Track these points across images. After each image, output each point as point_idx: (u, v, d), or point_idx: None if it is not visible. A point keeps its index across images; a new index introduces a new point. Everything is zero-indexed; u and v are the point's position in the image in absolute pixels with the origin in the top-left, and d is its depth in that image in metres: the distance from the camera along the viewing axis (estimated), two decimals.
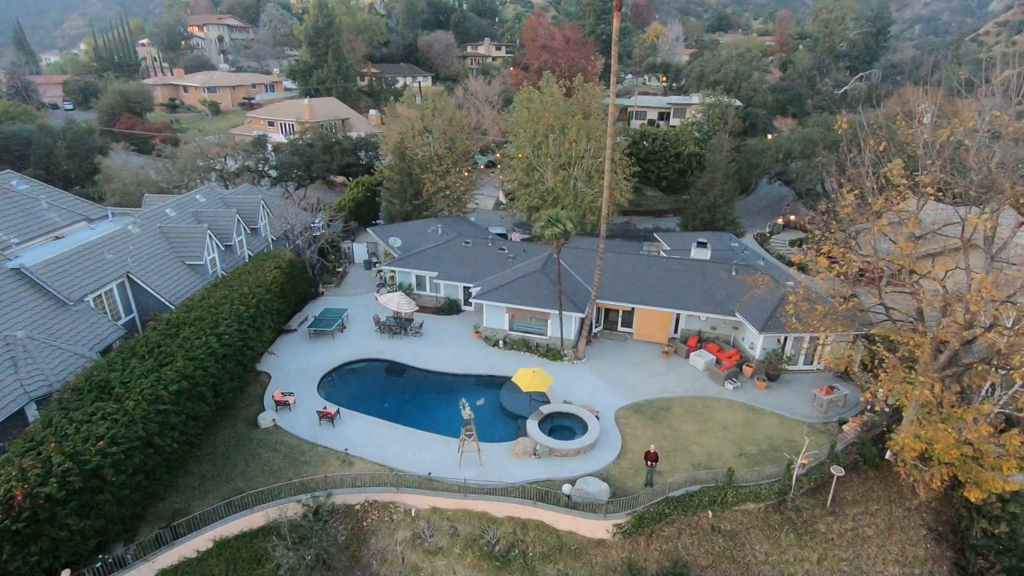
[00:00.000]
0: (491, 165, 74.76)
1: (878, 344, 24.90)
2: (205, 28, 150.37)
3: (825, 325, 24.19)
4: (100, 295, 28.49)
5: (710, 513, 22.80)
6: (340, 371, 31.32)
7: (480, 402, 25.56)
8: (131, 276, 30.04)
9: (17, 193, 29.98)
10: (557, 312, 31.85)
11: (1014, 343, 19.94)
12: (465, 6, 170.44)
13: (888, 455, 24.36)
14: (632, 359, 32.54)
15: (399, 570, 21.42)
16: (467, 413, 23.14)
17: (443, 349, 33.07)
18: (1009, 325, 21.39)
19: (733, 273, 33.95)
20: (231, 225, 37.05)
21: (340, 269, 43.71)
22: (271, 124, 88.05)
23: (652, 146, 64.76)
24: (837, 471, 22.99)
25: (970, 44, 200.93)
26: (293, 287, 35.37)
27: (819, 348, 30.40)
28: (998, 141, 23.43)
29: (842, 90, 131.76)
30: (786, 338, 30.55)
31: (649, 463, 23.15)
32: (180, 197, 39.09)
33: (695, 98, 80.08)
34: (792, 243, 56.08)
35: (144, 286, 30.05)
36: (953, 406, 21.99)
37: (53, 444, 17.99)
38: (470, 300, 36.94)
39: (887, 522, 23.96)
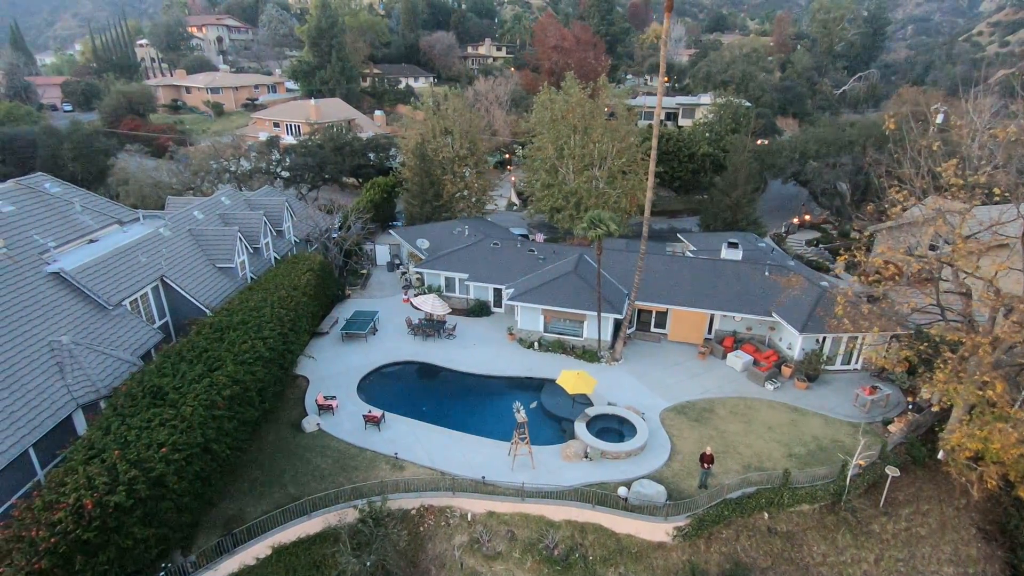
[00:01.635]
0: (500, 166, 74.62)
1: (924, 344, 24.90)
2: (204, 28, 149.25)
3: (877, 325, 24.18)
4: (136, 299, 28.10)
5: (766, 515, 22.75)
6: (377, 374, 31.04)
7: (533, 405, 25.44)
8: (165, 279, 29.65)
9: (51, 196, 29.50)
10: (593, 313, 31.77)
11: None
12: (464, 6, 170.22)
13: (940, 455, 24.38)
14: (669, 360, 32.48)
15: (458, 575, 21.20)
16: (521, 416, 22.98)
17: (478, 351, 32.87)
18: None
19: (767, 274, 33.97)
20: (259, 227, 36.67)
21: (364, 271, 43.41)
22: (276, 125, 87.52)
23: (666, 147, 64.81)
24: (892, 471, 23.01)
25: (963, 44, 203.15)
26: (324, 289, 35.06)
27: (858, 348, 30.44)
28: None
29: (841, 90, 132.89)
30: (824, 338, 30.58)
31: (705, 465, 23.07)
32: (205, 199, 38.66)
33: (704, 98, 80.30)
34: (809, 243, 56.34)
35: (178, 289, 29.66)
36: (1010, 406, 22.07)
37: (116, 452, 17.65)
38: (500, 302, 36.79)
39: (939, 522, 24.00)
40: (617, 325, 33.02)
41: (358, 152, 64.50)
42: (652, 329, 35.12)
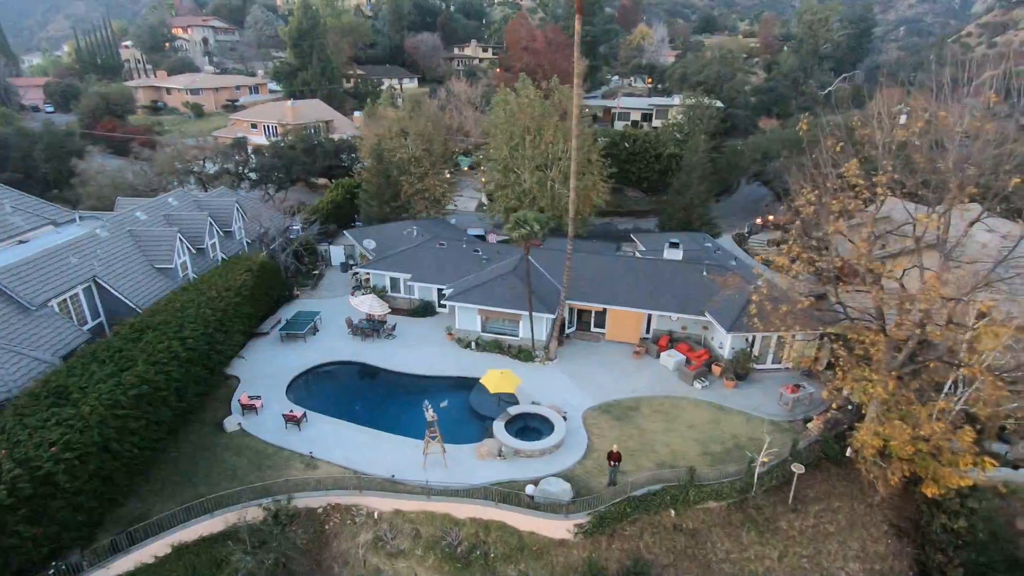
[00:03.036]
0: (475, 167, 74.89)
1: (837, 342, 25.16)
2: (189, 30, 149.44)
3: (787, 324, 24.41)
4: (65, 300, 28.28)
5: (672, 512, 22.94)
6: (310, 374, 31.22)
7: (444, 404, 25.59)
8: (98, 280, 29.83)
9: None
10: (528, 313, 31.96)
11: (965, 340, 20.24)
12: (452, 8, 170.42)
13: (849, 452, 24.60)
14: (603, 359, 32.68)
15: (360, 573, 21.41)
16: (430, 415, 23.17)
17: (415, 351, 33.06)
18: (970, 323, 21.73)
19: (704, 273, 34.18)
20: (203, 228, 36.86)
21: (316, 272, 43.59)
22: (254, 126, 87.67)
23: (633, 147, 65.09)
24: (798, 468, 23.22)
25: (953, 45, 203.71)
26: (265, 290, 35.21)
27: (785, 347, 30.68)
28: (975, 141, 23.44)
29: (826, 91, 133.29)
30: (754, 337, 30.81)
31: (612, 463, 23.27)
32: (151, 200, 38.87)
33: (676, 99, 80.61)
34: (770, 243, 56.63)
35: (111, 290, 29.85)
36: (912, 403, 22.30)
37: (3, 451, 17.83)
38: (444, 302, 36.98)
39: (849, 519, 24.21)
40: (553, 325, 33.22)
41: (329, 153, 64.71)
42: (592, 329, 35.34)
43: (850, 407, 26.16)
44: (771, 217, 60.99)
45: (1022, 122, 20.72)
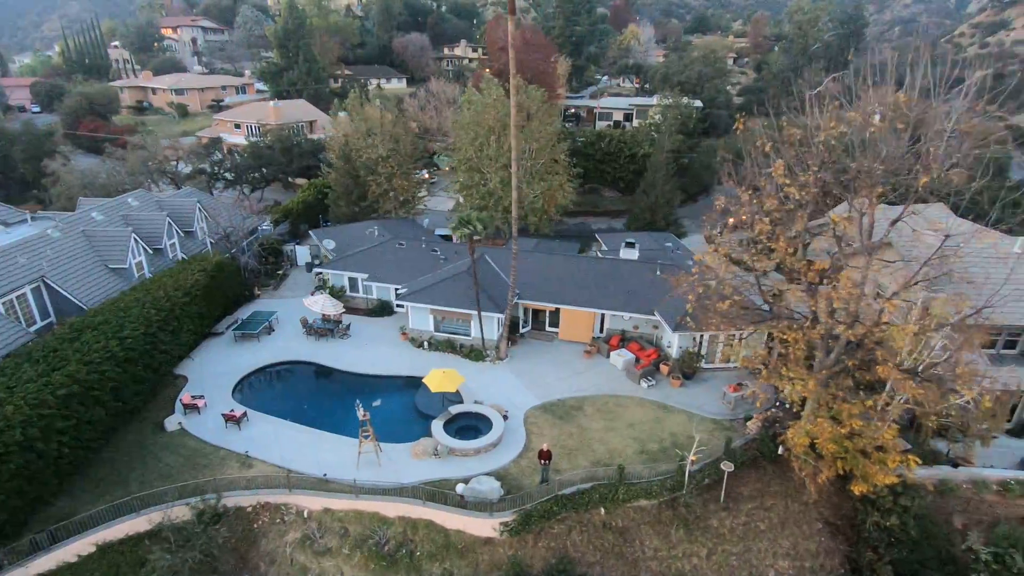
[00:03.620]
0: (455, 167, 74.93)
1: (778, 341, 25.22)
2: (179, 30, 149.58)
3: (715, 324, 24.54)
4: (12, 300, 28.39)
5: (602, 510, 23.05)
6: (260, 374, 31.33)
7: (377, 403, 25.72)
8: (47, 280, 29.93)
9: None
10: (476, 313, 32.07)
11: (882, 338, 20.36)
12: (444, 8, 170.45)
13: (781, 451, 24.70)
14: (554, 359, 32.77)
15: (287, 571, 21.51)
16: (362, 414, 23.28)
17: (368, 351, 33.17)
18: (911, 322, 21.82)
19: (658, 273, 34.26)
20: (161, 228, 36.99)
21: (281, 272, 43.70)
22: (237, 126, 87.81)
23: (608, 147, 65.21)
24: (727, 467, 23.32)
25: (945, 45, 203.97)
26: (221, 290, 35.27)
27: (722, 346, 30.89)
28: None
29: (815, 91, 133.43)
30: (701, 336, 30.91)
31: (543, 461, 23.36)
32: (111, 200, 38.98)
33: (656, 99, 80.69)
34: (739, 243, 56.71)
35: (60, 290, 29.94)
36: (845, 401, 22.41)
37: None
38: (396, 301, 37.10)
39: (781, 517, 24.30)
40: (514, 324, 33.35)
41: (307, 153, 64.91)
42: (547, 328, 35.43)
43: (786, 405, 26.25)
44: (744, 217, 61.18)
45: (941, 110, 20.80)
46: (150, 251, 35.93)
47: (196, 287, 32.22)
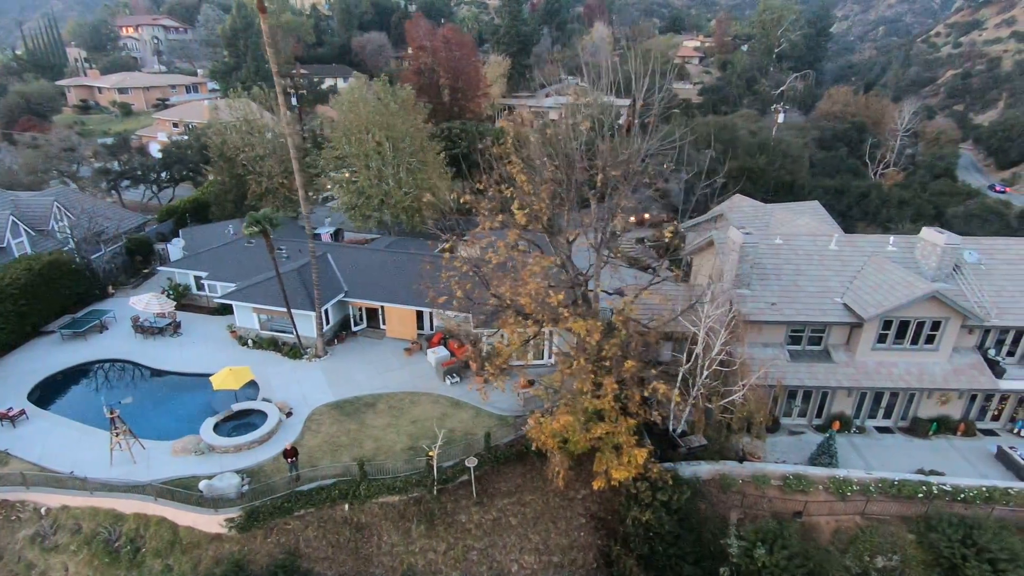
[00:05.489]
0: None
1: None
2: (140, 29, 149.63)
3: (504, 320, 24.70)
4: None
5: (347, 506, 23.11)
6: (74, 372, 31.35)
7: (127, 400, 25.77)
8: None
9: None
10: (304, 312, 32.10)
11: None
12: (413, 7, 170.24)
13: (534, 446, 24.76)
14: (374, 357, 32.81)
15: (13, 569, 21.60)
16: (107, 412, 23.35)
17: (191, 349, 33.23)
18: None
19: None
20: (4, 226, 37.07)
21: (147, 270, 43.73)
22: (175, 125, 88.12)
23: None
24: (470, 462, 23.38)
25: (921, 45, 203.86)
26: (53, 289, 35.22)
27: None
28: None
29: (779, 90, 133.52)
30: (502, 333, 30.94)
31: (288, 459, 23.42)
32: None
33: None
34: (637, 241, 56.98)
35: None
36: (599, 397, 22.53)
37: None
38: (217, 299, 36.99)
39: (538, 512, 24.34)
40: (345, 322, 33.45)
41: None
42: (382, 326, 35.49)
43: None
44: (647, 216, 61.32)
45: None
46: None
47: (13, 285, 32.26)
